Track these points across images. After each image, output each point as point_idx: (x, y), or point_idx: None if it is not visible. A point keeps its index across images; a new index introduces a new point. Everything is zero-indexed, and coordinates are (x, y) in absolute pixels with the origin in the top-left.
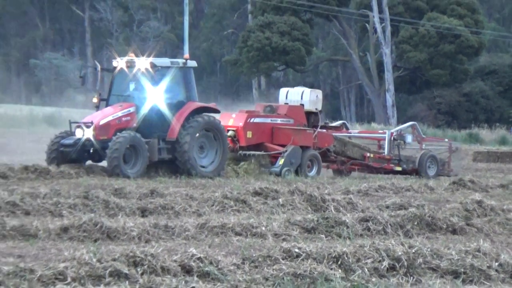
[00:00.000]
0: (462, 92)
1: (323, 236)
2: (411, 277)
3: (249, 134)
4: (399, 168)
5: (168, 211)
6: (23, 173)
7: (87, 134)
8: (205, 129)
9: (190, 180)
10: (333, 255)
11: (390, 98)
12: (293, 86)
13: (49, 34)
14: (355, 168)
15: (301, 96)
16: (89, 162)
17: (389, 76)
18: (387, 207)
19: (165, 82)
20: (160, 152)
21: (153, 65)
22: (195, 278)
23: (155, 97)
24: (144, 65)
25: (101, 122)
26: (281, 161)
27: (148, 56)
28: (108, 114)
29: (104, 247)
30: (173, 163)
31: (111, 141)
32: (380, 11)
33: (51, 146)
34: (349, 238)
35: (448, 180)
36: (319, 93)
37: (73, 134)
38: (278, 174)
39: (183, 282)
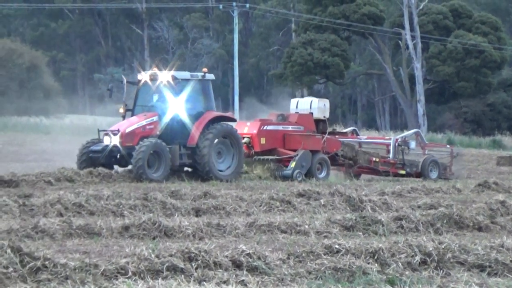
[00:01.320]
0: (486, 102)
1: (360, 233)
2: (441, 271)
3: (263, 141)
4: (403, 172)
5: (220, 211)
6: (88, 177)
7: (114, 141)
8: (223, 136)
9: (240, 183)
10: (370, 251)
11: (421, 108)
12: (333, 97)
13: (111, 51)
14: (362, 171)
15: (310, 105)
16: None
17: (420, 88)
18: (419, 207)
19: (185, 93)
20: (181, 158)
21: (174, 78)
22: (245, 272)
23: (176, 107)
24: (166, 78)
25: (127, 130)
26: (292, 164)
27: (170, 69)
28: (133, 123)
29: (162, 244)
30: (193, 168)
31: (136, 148)
32: (412, 29)
33: (81, 152)
34: (385, 235)
35: (474, 182)
36: (326, 102)
37: (101, 141)
38: (290, 177)
39: (234, 275)
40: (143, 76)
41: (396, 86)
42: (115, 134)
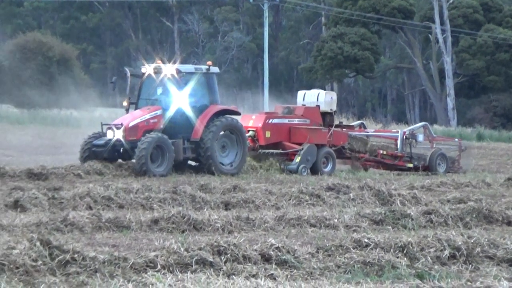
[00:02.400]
0: None
1: (390, 227)
2: (470, 265)
3: (268, 134)
4: (410, 165)
5: (249, 204)
6: (118, 170)
7: (117, 135)
8: (227, 130)
9: (270, 177)
10: (399, 245)
11: (450, 102)
12: (363, 91)
13: (141, 44)
14: (370, 164)
15: (317, 97)
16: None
17: (449, 82)
18: (448, 201)
19: (190, 86)
20: (185, 152)
21: (178, 71)
22: (274, 266)
23: (180, 100)
24: (170, 71)
25: (131, 124)
26: (297, 159)
27: (174, 63)
28: (137, 117)
29: (191, 237)
30: (197, 162)
31: (139, 142)
32: (442, 23)
33: (84, 146)
34: (414, 229)
35: (504, 176)
36: (333, 94)
37: (104, 135)
38: (295, 171)
39: (263, 269)
40: (147, 69)
41: (426, 80)
42: (118, 128)
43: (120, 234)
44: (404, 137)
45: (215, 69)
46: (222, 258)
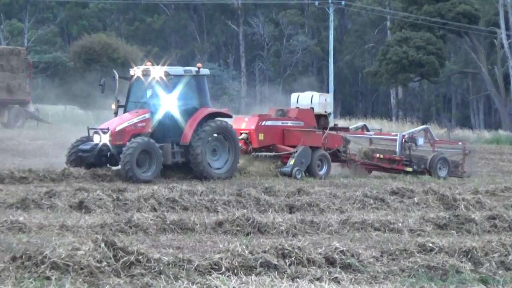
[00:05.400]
0: None
1: (454, 232)
2: None
3: (261, 136)
4: (409, 169)
5: (314, 208)
6: (182, 172)
7: (104, 139)
8: (218, 133)
9: (334, 180)
10: (463, 249)
11: None
12: (428, 96)
13: (206, 47)
14: (367, 168)
15: (311, 99)
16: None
17: None
18: None
19: (179, 89)
20: (174, 156)
21: (167, 74)
22: (338, 269)
23: (169, 103)
24: (159, 73)
25: (117, 128)
26: (291, 161)
27: (163, 65)
28: (124, 120)
29: (255, 240)
30: (187, 166)
31: (125, 147)
32: (507, 28)
33: (70, 150)
34: (478, 234)
35: None
36: (328, 96)
37: (91, 139)
38: (289, 174)
39: (327, 272)
40: (136, 72)
41: (490, 85)
42: (104, 133)
43: (185, 236)
44: (403, 140)
45: (205, 71)
46: (287, 261)
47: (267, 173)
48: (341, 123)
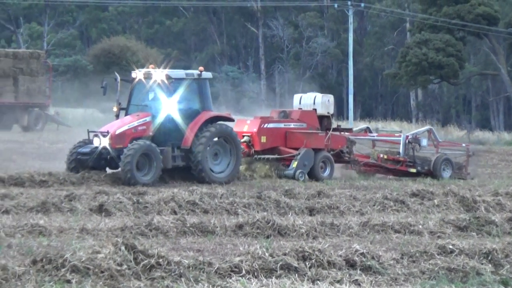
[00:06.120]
0: None
1: (474, 234)
2: None
3: (263, 139)
4: (413, 170)
5: (334, 210)
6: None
7: (104, 142)
8: (219, 137)
9: (354, 182)
10: (484, 251)
11: None
12: (447, 97)
13: (226, 49)
14: (371, 170)
15: (314, 100)
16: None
17: None
18: None
19: (180, 92)
20: (175, 160)
21: (168, 77)
22: (358, 272)
23: (170, 107)
24: (160, 76)
25: (117, 132)
26: (294, 164)
27: (165, 68)
28: (125, 124)
29: (276, 242)
30: (188, 170)
31: (125, 150)
32: None
33: (70, 154)
34: (498, 236)
35: None
36: (330, 97)
37: (91, 142)
38: (292, 177)
39: (348, 275)
40: (138, 74)
41: (510, 87)
42: (104, 136)
43: (205, 239)
44: (407, 141)
45: (207, 75)
46: (307, 263)
47: (269, 176)
48: (361, 125)
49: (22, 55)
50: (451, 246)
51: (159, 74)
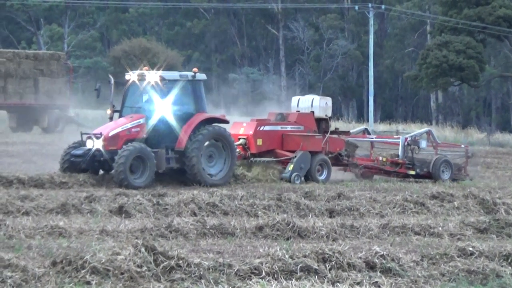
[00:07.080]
0: None
1: (494, 236)
2: None
3: (259, 142)
4: (412, 172)
5: (354, 212)
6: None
7: (97, 144)
8: (214, 139)
9: (374, 184)
10: (504, 254)
11: None
12: (468, 100)
13: (246, 51)
14: (371, 172)
15: (311, 103)
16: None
17: None
18: None
19: (174, 94)
20: (169, 162)
21: (162, 78)
22: (378, 274)
23: (164, 108)
24: (154, 78)
25: (111, 134)
26: (290, 167)
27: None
28: (118, 126)
29: (296, 244)
30: (182, 172)
31: (118, 152)
32: None
33: (63, 156)
34: None
35: None
36: (328, 100)
37: (84, 144)
38: (288, 180)
39: (367, 277)
40: (131, 76)
41: None
42: (97, 138)
43: (225, 241)
44: (406, 143)
45: (201, 76)
46: (327, 265)
47: (266, 179)
48: (381, 127)
49: (43, 56)
50: (471, 248)
51: (153, 75)
